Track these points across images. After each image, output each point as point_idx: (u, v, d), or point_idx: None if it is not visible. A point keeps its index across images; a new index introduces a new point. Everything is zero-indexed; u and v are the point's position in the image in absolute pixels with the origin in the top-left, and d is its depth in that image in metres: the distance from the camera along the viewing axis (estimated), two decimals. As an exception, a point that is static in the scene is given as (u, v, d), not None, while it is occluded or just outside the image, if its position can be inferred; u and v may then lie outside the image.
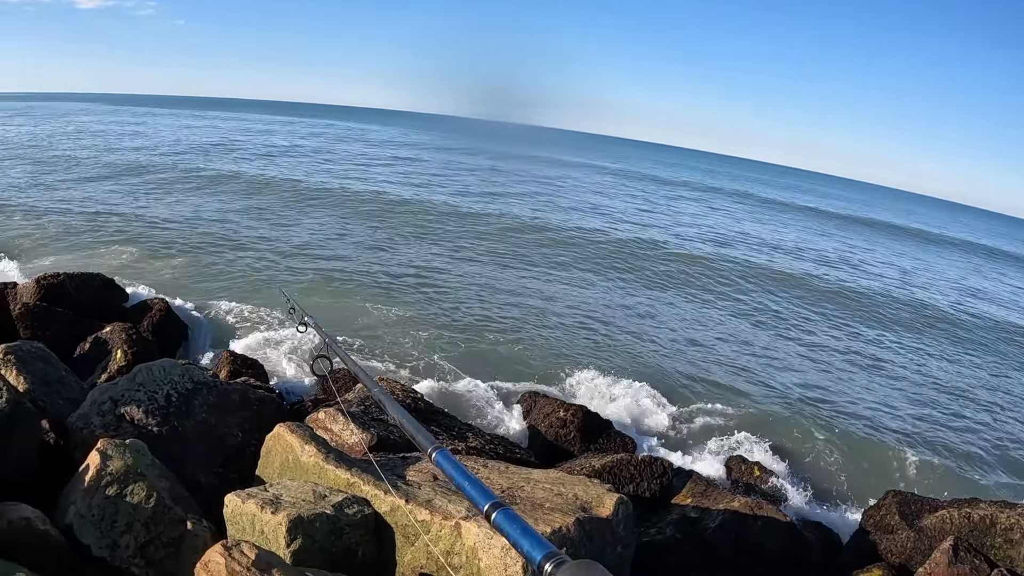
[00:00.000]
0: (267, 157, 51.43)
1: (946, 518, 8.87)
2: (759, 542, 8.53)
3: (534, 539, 1.27)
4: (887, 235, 61.95)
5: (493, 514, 1.41)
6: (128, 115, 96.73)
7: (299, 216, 30.29)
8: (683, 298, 24.68)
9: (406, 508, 5.36)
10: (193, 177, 37.14)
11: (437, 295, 21.14)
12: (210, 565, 4.28)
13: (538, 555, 1.19)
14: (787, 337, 21.98)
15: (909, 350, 22.77)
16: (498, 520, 1.39)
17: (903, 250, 51.89)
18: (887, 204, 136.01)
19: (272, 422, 7.04)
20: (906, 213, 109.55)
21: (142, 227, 25.56)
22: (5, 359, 7.89)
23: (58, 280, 13.29)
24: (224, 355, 12.28)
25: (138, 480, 5.65)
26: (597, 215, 40.41)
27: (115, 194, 31.31)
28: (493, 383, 14.65)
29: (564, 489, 6.07)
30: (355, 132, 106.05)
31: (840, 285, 30.07)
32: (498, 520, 1.39)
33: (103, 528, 5.45)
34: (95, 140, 55.11)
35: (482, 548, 4.92)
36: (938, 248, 59.81)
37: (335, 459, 6.04)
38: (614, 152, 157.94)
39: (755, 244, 38.70)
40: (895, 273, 37.79)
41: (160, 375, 7.94)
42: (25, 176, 34.58)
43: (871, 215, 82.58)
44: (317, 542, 5.04)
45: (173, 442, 7.33)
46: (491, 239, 29.26)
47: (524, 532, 1.30)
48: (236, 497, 5.34)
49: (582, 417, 11.47)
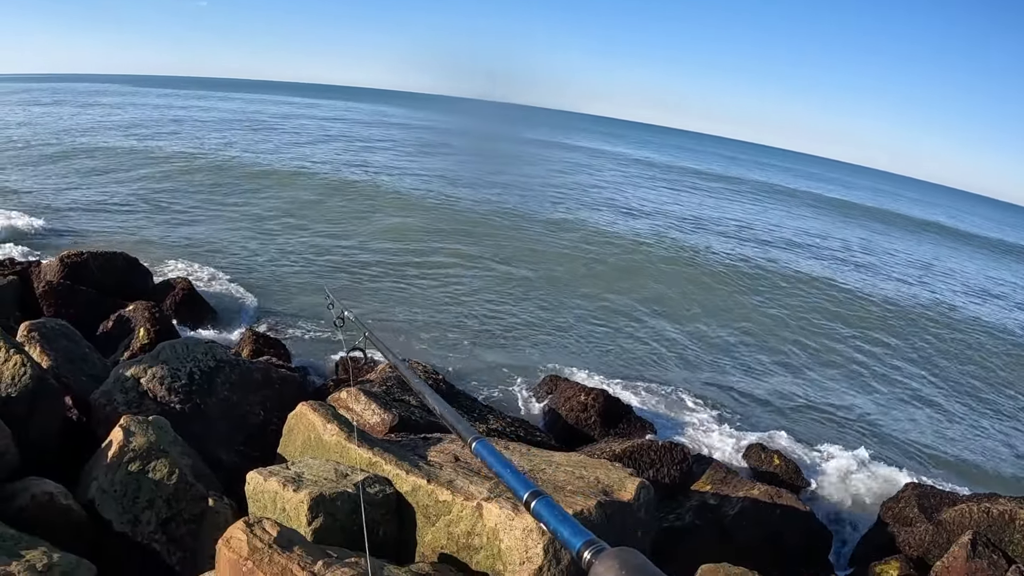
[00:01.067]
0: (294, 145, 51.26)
1: (965, 512, 8.80)
2: (778, 530, 8.50)
3: (573, 527, 1.26)
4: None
5: (533, 503, 1.40)
6: (156, 96, 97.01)
7: (322, 200, 30.34)
8: (710, 292, 24.59)
9: (428, 488, 5.36)
10: (219, 164, 37.22)
11: (459, 281, 21.15)
12: (232, 541, 4.28)
13: (577, 542, 1.18)
14: (811, 331, 21.87)
15: (934, 350, 22.59)
16: (537, 509, 1.38)
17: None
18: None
19: (294, 401, 7.04)
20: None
21: (177, 212, 25.78)
22: (29, 336, 7.93)
23: (82, 259, 13.34)
24: (246, 334, 12.32)
25: (160, 456, 5.67)
26: (614, 208, 40.28)
27: (145, 179, 31.48)
28: (514, 366, 14.66)
29: (586, 472, 6.06)
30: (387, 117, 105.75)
31: (864, 288, 29.89)
32: (537, 509, 1.38)
33: (125, 503, 5.48)
34: (132, 124, 55.41)
35: (503, 529, 4.91)
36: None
37: (357, 438, 6.04)
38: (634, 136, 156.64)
39: (777, 240, 38.45)
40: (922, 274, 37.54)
41: (183, 353, 7.97)
42: (61, 159, 34.86)
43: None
44: (339, 520, 5.04)
45: (195, 419, 7.37)
46: (515, 233, 29.23)
47: (563, 520, 1.29)
48: (258, 475, 5.34)
49: (603, 402, 11.44)
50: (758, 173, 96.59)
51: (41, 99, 77.13)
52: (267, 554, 4.16)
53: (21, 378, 6.38)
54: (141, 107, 75.80)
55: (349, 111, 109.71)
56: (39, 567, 4.36)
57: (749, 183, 73.02)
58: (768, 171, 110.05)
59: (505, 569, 4.86)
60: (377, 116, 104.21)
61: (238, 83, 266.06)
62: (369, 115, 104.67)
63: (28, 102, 71.16)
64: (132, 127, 52.29)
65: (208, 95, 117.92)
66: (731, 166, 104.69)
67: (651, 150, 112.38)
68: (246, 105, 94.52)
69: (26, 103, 69.61)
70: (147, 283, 14.42)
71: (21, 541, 4.60)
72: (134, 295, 13.04)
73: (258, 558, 4.13)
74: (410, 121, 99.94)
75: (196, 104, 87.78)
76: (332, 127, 70.70)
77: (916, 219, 70.21)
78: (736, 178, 77.83)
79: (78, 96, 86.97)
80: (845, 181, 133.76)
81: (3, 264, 13.42)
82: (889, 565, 8.52)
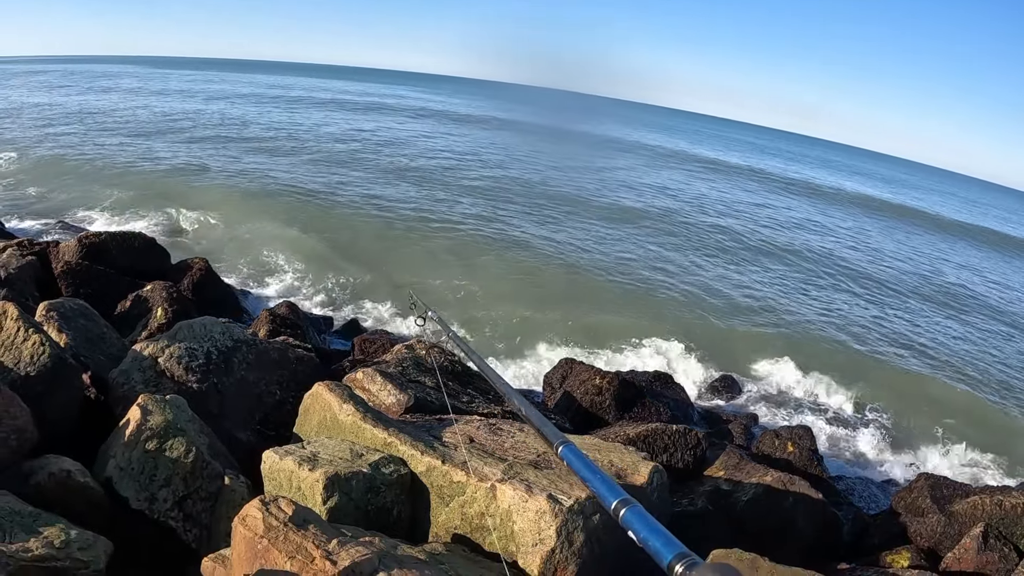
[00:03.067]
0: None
1: (977, 504, 8.77)
2: (790, 518, 8.48)
3: (666, 538, 1.23)
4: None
5: (621, 512, 1.38)
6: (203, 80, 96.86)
7: (347, 175, 30.42)
8: (740, 271, 24.56)
9: (442, 469, 5.38)
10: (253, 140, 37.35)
11: (474, 262, 21.21)
12: (248, 520, 4.31)
13: (668, 555, 1.15)
14: (832, 313, 21.85)
15: (959, 337, 22.49)
16: (627, 518, 1.36)
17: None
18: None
19: (310, 381, 7.08)
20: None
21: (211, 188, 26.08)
22: (47, 315, 7.98)
23: (99, 239, 13.42)
24: (263, 314, 12.37)
25: (177, 435, 5.71)
26: (631, 190, 40.17)
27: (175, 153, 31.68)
28: (530, 349, 14.70)
29: (599, 456, 6.07)
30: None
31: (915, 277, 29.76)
32: (627, 518, 1.36)
33: (142, 481, 5.52)
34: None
35: (516, 511, 4.93)
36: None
37: (372, 418, 6.06)
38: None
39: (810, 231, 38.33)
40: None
41: (201, 332, 8.01)
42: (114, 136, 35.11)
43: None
44: (353, 500, 5.08)
45: (212, 398, 7.41)
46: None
47: (654, 531, 1.26)
48: (274, 454, 5.38)
49: (618, 385, 11.43)
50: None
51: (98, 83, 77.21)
52: (282, 532, 4.19)
53: (39, 357, 6.43)
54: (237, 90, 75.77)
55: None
56: (56, 543, 4.42)
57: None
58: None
59: (518, 551, 4.88)
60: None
61: (265, 65, 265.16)
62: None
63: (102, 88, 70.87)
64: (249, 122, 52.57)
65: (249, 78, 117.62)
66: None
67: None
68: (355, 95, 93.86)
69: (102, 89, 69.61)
70: (165, 263, 14.49)
71: (39, 518, 4.65)
72: (152, 275, 13.11)
73: (273, 536, 4.17)
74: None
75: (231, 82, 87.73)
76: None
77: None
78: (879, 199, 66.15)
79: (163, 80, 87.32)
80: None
81: (21, 244, 13.49)
82: (900, 555, 8.51)
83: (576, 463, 1.61)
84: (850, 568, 7.52)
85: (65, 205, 23.13)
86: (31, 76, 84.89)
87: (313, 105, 65.99)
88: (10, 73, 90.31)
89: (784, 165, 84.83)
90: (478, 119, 78.76)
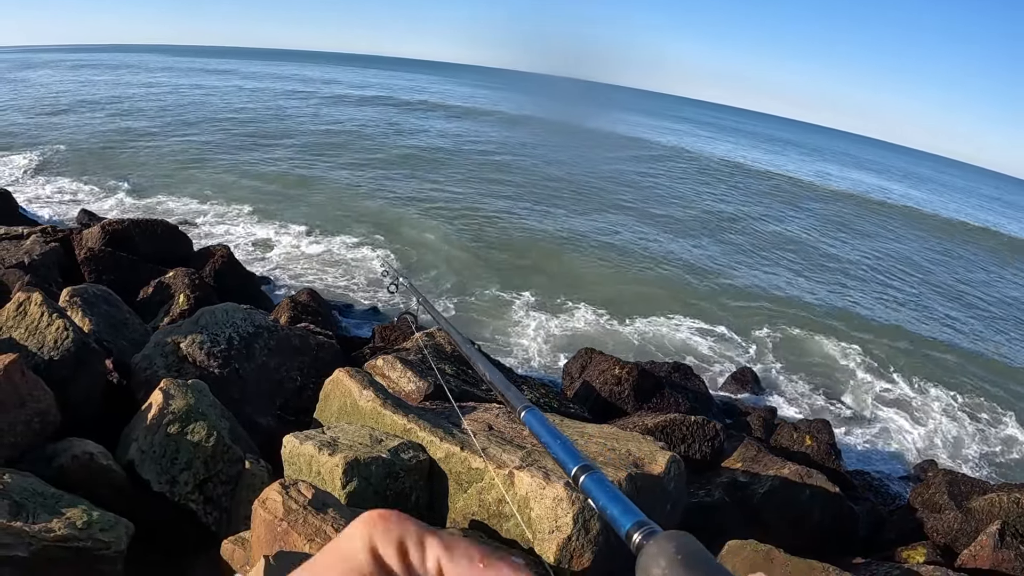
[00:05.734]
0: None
1: (995, 501, 8.72)
2: (806, 511, 8.48)
3: (625, 505, 1.21)
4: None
5: (581, 477, 1.37)
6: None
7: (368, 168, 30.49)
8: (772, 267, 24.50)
9: (461, 455, 5.42)
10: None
11: (496, 247, 21.27)
12: (268, 503, 4.36)
13: (627, 523, 1.14)
14: (863, 307, 21.76)
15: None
16: (586, 484, 1.35)
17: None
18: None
19: (331, 367, 7.13)
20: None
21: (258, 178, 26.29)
22: (71, 301, 8.06)
23: (122, 226, 13.52)
24: (284, 301, 12.45)
25: (199, 419, 5.76)
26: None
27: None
28: (550, 339, 14.72)
29: (618, 445, 6.08)
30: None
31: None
32: (586, 484, 1.35)
33: (163, 464, 5.58)
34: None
35: (534, 498, 4.96)
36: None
37: (392, 405, 6.10)
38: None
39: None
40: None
41: (223, 318, 8.07)
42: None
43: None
44: (372, 485, 5.12)
45: (234, 384, 7.47)
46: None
47: (614, 498, 1.24)
48: (294, 438, 5.43)
49: (637, 376, 11.44)
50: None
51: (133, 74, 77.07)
52: (302, 515, 4.23)
53: (63, 342, 6.49)
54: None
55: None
56: (79, 524, 4.47)
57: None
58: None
59: (534, 537, 4.91)
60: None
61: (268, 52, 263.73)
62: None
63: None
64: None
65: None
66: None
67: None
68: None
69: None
70: (187, 250, 14.58)
71: (62, 499, 4.71)
72: (174, 262, 13.19)
73: (293, 519, 4.21)
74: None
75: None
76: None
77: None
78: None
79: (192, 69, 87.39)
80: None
81: (45, 231, 13.58)
82: (916, 551, 8.48)
83: (537, 427, 1.61)
84: (865, 563, 7.50)
85: (95, 193, 23.34)
86: (65, 65, 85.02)
87: (349, 102, 65.50)
88: (41, 62, 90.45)
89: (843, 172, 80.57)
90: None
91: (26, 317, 6.64)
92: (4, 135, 32.39)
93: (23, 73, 69.76)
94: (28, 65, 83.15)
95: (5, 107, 42.43)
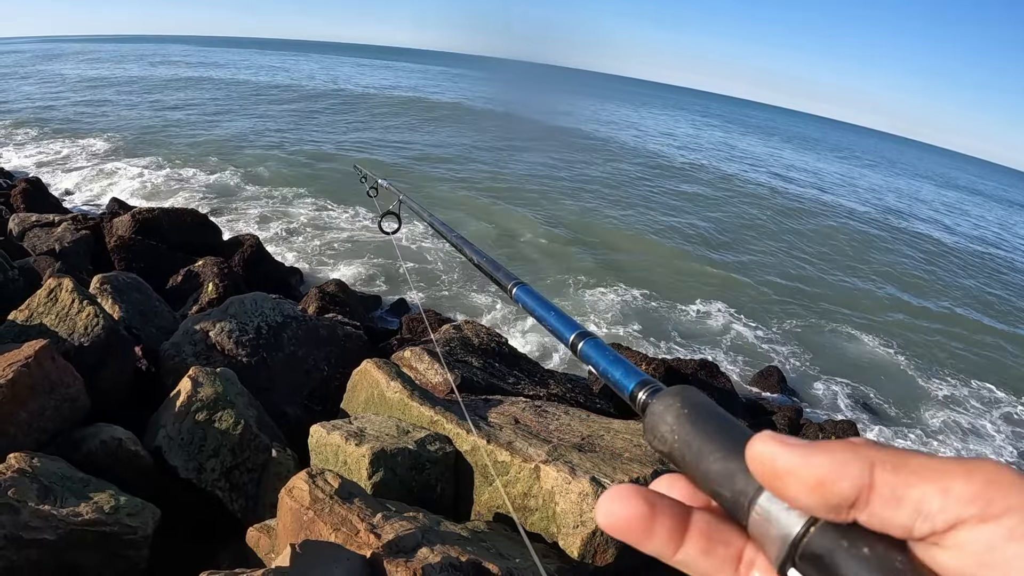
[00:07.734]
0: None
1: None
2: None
3: (626, 367, 1.17)
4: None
5: (580, 344, 1.33)
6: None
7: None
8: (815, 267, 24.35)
9: (487, 448, 5.39)
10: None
11: (521, 241, 21.24)
12: (294, 492, 4.36)
13: (630, 384, 1.10)
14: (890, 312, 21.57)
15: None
16: (585, 350, 1.31)
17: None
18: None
19: (358, 358, 7.13)
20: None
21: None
22: (101, 288, 8.10)
23: (152, 215, 13.60)
24: (313, 291, 12.46)
25: (227, 407, 5.78)
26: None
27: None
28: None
29: (643, 440, 6.04)
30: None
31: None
32: (585, 350, 1.31)
33: (191, 451, 5.60)
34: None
35: (560, 492, 4.93)
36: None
37: (419, 396, 6.10)
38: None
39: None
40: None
41: (251, 308, 8.09)
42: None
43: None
44: (398, 476, 5.11)
45: (261, 373, 7.49)
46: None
47: (614, 361, 1.20)
48: (321, 428, 5.43)
49: (663, 371, 11.37)
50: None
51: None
52: (328, 505, 4.23)
53: (93, 328, 6.53)
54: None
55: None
56: (106, 509, 4.49)
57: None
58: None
59: (559, 532, 4.88)
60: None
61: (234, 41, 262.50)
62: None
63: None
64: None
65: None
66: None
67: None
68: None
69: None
70: (216, 239, 14.66)
71: (90, 484, 4.73)
72: (204, 251, 13.28)
73: (319, 508, 4.21)
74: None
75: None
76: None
77: None
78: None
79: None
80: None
81: (76, 219, 13.70)
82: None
83: (530, 302, 1.57)
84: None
85: (126, 178, 23.54)
86: (94, 56, 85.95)
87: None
88: (70, 52, 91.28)
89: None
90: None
91: (57, 303, 6.67)
92: (38, 122, 32.74)
93: (50, 65, 70.33)
94: (54, 56, 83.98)
95: (35, 95, 42.89)
